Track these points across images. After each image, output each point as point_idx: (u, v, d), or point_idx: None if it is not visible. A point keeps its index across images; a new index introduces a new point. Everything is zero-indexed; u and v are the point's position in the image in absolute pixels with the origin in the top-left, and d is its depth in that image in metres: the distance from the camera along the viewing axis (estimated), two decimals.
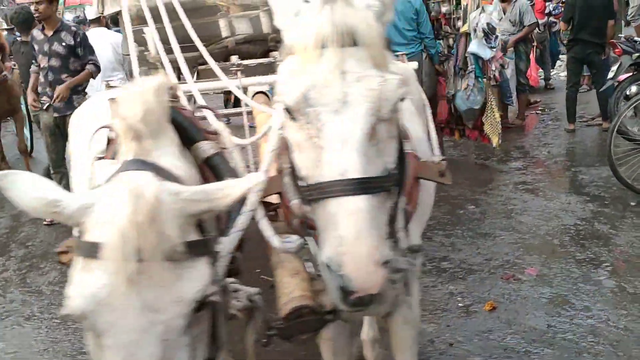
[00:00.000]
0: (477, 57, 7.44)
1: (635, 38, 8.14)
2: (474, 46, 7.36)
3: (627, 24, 13.73)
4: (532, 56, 11.74)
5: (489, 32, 7.30)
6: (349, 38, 1.50)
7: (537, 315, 4.17)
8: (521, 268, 4.92)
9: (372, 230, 1.41)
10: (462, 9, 7.72)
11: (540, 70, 12.99)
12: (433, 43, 8.05)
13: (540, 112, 11.16)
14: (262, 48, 4.86)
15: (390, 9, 1.60)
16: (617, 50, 8.29)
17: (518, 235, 5.59)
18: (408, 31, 7.95)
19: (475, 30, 7.35)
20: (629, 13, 13.69)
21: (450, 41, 8.01)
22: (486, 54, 7.34)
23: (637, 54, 7.93)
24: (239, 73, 4.32)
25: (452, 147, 9.01)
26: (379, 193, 1.48)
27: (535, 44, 11.99)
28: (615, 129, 6.36)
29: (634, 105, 6.81)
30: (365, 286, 1.40)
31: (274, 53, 4.78)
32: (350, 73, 1.49)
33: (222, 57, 4.77)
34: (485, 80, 7.52)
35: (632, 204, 6.09)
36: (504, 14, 9.81)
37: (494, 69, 7.57)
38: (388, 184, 1.53)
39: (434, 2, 8.14)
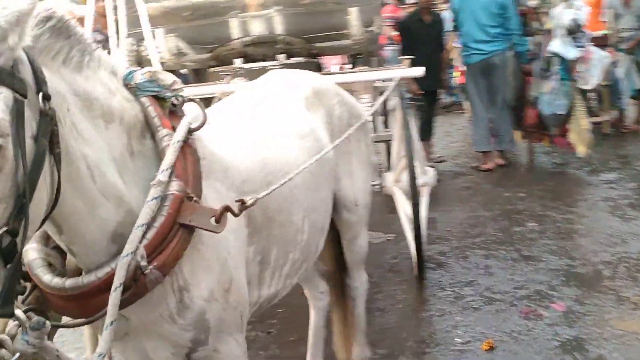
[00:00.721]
0: (562, 57, 6.72)
1: None
2: (557, 45, 6.65)
3: None
4: None
5: (575, 30, 6.55)
6: None
7: None
8: (550, 301, 4.33)
9: None
10: (549, 3, 7.01)
11: None
12: (521, 40, 7.39)
13: None
14: (270, 50, 4.64)
15: (15, 31, 1.32)
16: None
17: (566, 262, 4.95)
18: (491, 27, 7.39)
19: (560, 27, 6.64)
20: None
21: (538, 38, 7.29)
22: (570, 53, 6.60)
23: None
24: (227, 77, 4.18)
25: (546, 153, 8.25)
26: None
27: None
28: None
29: None
30: None
31: (281, 56, 4.54)
32: None
33: (229, 59, 4.63)
34: (570, 83, 6.77)
35: None
36: (628, 7, 8.81)
37: (581, 70, 6.79)
38: None
39: None
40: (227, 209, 1.77)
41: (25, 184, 1.32)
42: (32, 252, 1.70)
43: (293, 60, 4.53)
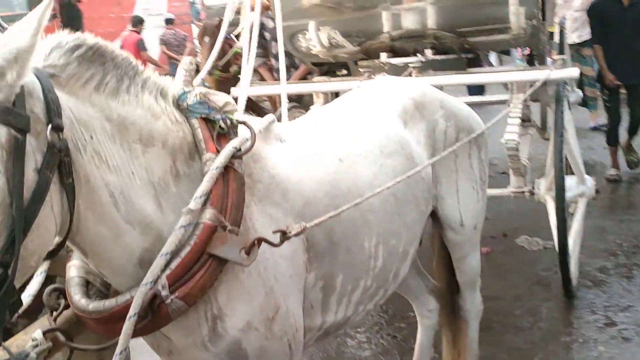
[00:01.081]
0: None
1: None
2: None
3: None
4: None
5: None
6: None
7: None
8: None
9: None
10: None
11: None
12: None
13: None
14: (418, 45, 4.44)
15: (13, 68, 1.34)
16: None
17: None
18: None
19: None
20: None
21: None
22: None
23: None
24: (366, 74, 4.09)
25: None
26: None
27: None
28: None
29: None
30: None
31: (428, 51, 4.35)
32: None
33: (377, 53, 4.54)
34: None
35: None
36: None
37: None
38: None
39: None
40: (260, 240, 1.72)
41: (20, 218, 1.35)
42: (72, 270, 1.77)
43: (440, 56, 4.32)
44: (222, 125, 1.84)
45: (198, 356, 1.82)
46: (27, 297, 1.77)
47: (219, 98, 1.87)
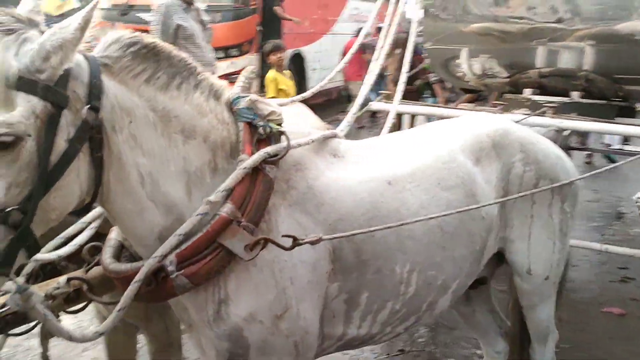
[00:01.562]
0: None
1: None
2: None
3: None
4: None
5: None
6: None
7: None
8: None
9: None
10: None
11: None
12: None
13: None
14: (566, 85, 4.27)
15: (58, 54, 1.58)
16: None
17: None
18: None
19: None
20: None
21: None
22: None
23: None
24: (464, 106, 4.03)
25: None
26: None
27: None
28: None
29: None
30: None
31: (575, 93, 4.17)
32: None
33: (523, 88, 4.44)
34: None
35: None
36: None
37: None
38: None
39: None
40: (266, 240, 1.86)
41: (42, 176, 1.60)
42: (114, 233, 2.05)
43: (586, 100, 4.13)
44: (262, 131, 2.00)
45: (204, 333, 2.01)
46: (73, 245, 2.06)
47: (266, 107, 2.03)
